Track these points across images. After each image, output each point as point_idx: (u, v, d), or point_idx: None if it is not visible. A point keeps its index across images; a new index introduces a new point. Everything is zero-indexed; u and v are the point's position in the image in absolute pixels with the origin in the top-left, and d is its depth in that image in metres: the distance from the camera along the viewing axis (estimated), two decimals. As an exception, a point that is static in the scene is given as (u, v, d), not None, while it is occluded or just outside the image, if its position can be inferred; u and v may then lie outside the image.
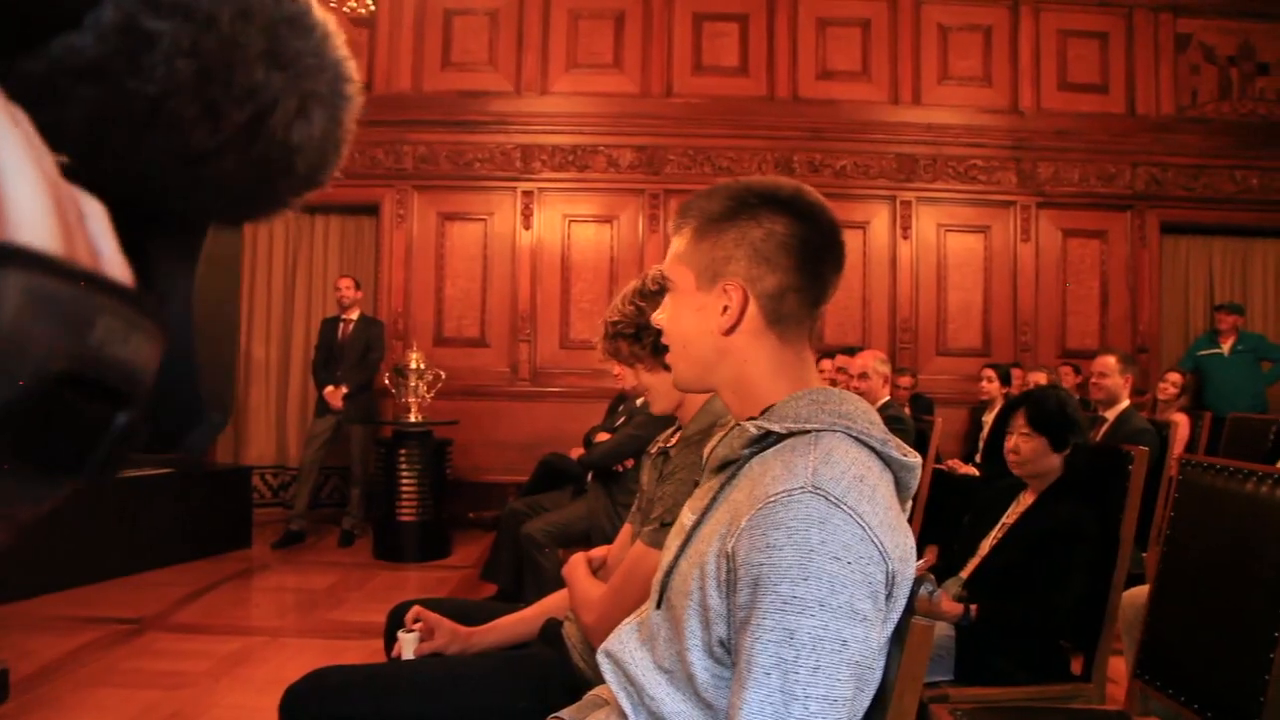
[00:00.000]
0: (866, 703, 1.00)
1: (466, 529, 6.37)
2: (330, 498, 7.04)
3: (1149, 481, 2.84)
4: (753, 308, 1.08)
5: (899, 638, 1.00)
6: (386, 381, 5.99)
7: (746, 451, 1.07)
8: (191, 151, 0.38)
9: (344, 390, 5.94)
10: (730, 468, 1.09)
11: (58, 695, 3.27)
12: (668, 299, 1.18)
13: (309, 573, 5.30)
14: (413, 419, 5.76)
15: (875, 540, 0.92)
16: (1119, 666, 2.59)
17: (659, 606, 1.10)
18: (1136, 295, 7.17)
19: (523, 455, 6.07)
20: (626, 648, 1.14)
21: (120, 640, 3.93)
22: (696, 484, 1.20)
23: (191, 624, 4.24)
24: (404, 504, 5.53)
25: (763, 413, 1.09)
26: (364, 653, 3.52)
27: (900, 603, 0.98)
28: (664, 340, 1.20)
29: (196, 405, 0.48)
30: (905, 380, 6.52)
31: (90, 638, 3.93)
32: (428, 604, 1.95)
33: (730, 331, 1.09)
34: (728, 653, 0.97)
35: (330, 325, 6.20)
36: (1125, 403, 4.15)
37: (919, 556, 3.28)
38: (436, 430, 5.82)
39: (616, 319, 1.81)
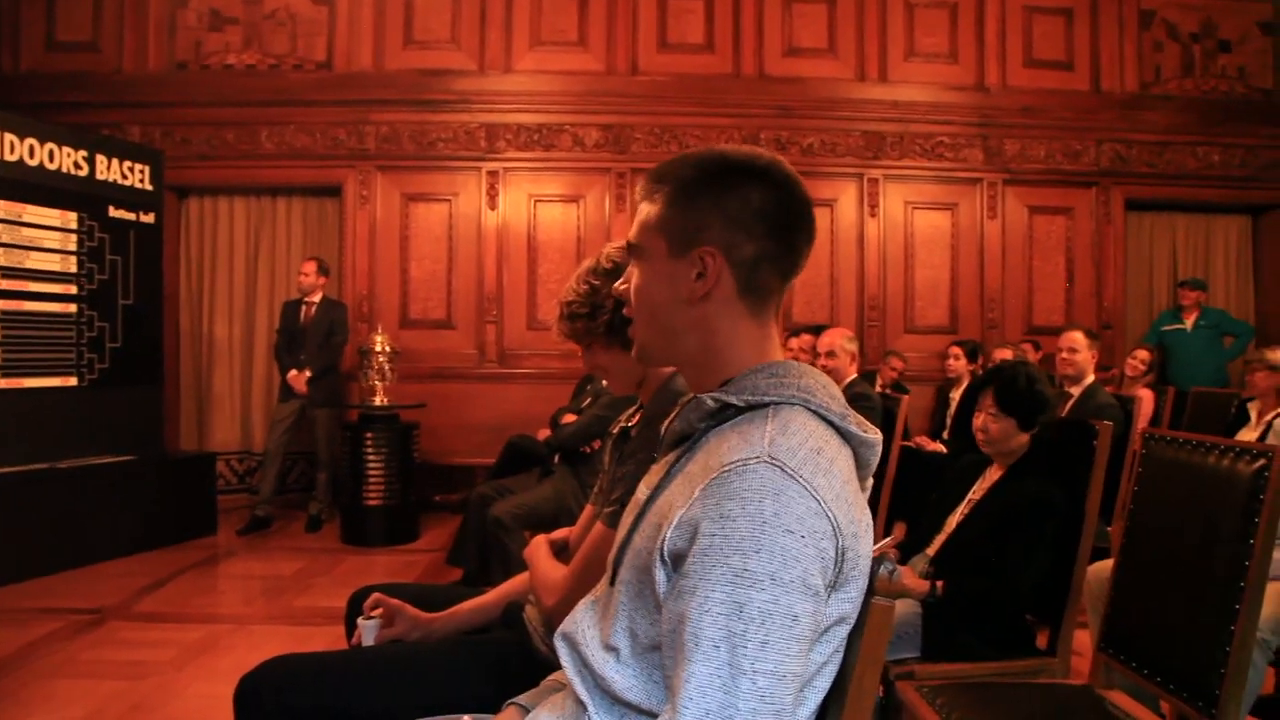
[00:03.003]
0: (825, 685, 0.98)
1: (435, 512, 6.33)
2: (297, 483, 6.97)
3: (1114, 455, 2.86)
4: (727, 276, 1.05)
5: (859, 618, 0.97)
6: (360, 364, 5.90)
7: (703, 425, 1.05)
8: None
9: (307, 374, 5.86)
10: (686, 442, 1.07)
11: (16, 688, 3.20)
12: (632, 267, 1.14)
13: (275, 559, 5.24)
14: (378, 402, 5.70)
15: (829, 514, 0.90)
16: (1085, 640, 2.61)
17: (612, 584, 1.08)
18: (1101, 271, 7.23)
19: (491, 437, 6.02)
20: (580, 627, 1.12)
21: (81, 631, 3.87)
22: (652, 462, 1.17)
23: (154, 613, 4.17)
24: (371, 488, 5.49)
25: (721, 386, 1.06)
26: (330, 638, 3.47)
27: (855, 581, 0.95)
28: (627, 311, 1.16)
29: None
30: (897, 363, 6.56)
31: (50, 629, 3.86)
32: (390, 589, 1.91)
33: (702, 300, 1.06)
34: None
35: (292, 308, 6.11)
36: (1091, 378, 4.17)
37: (887, 533, 3.28)
38: (403, 413, 5.77)
39: (571, 299, 1.77)
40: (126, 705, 3.04)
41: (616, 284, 1.20)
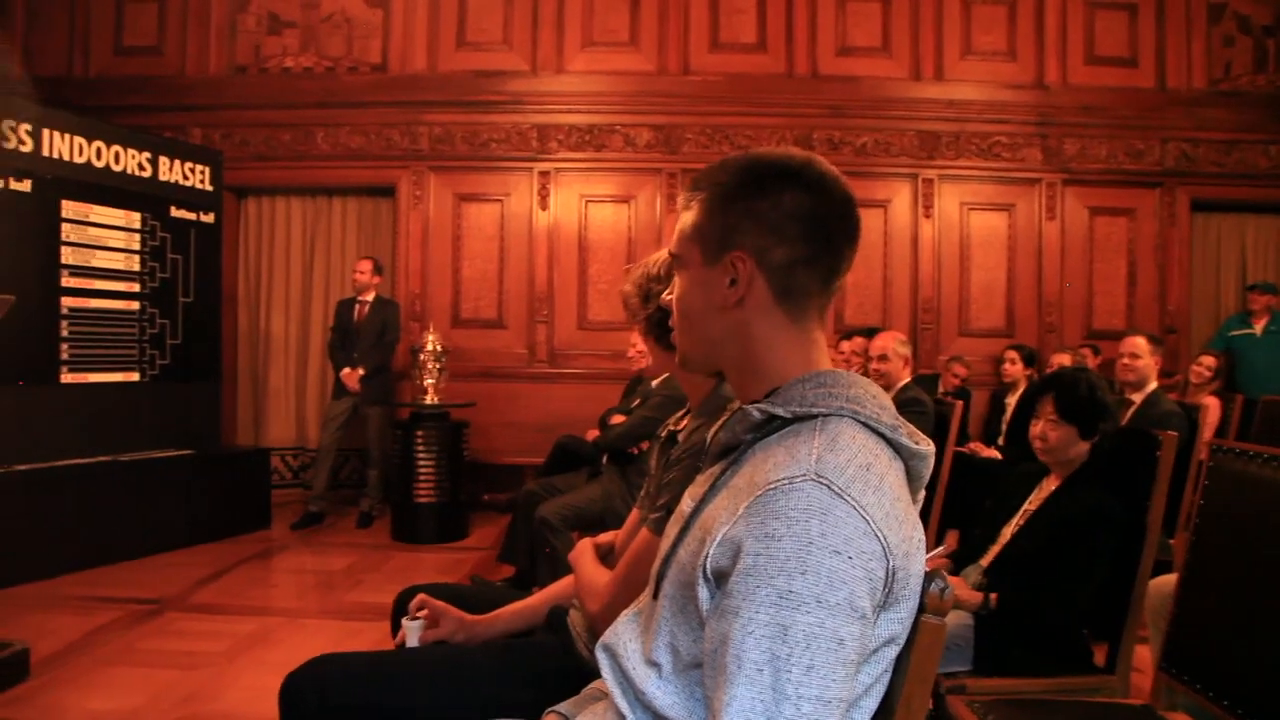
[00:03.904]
0: (873, 706, 0.95)
1: (484, 511, 6.37)
2: (349, 479, 7.07)
3: (1177, 466, 2.76)
4: (760, 281, 1.03)
5: (909, 638, 0.94)
6: (412, 363, 5.96)
7: (749, 437, 1.02)
8: None
9: (360, 372, 5.93)
10: (732, 453, 1.04)
11: (77, 674, 3.30)
12: (676, 277, 1.14)
13: (327, 554, 5.32)
14: (429, 401, 5.75)
15: (878, 534, 0.87)
16: (1146, 656, 2.52)
17: (655, 597, 1.06)
18: (1165, 274, 7.02)
19: (540, 437, 6.04)
20: (621, 640, 1.10)
21: (140, 620, 3.96)
22: (698, 470, 1.15)
23: (210, 604, 4.26)
24: (421, 486, 5.54)
25: (767, 396, 1.03)
26: (379, 634, 3.51)
27: (905, 601, 0.92)
28: (671, 321, 1.15)
29: None
30: (960, 369, 6.44)
31: (110, 617, 3.97)
32: (435, 590, 1.92)
33: (736, 306, 1.04)
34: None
35: (346, 306, 6.20)
36: (1153, 385, 4.05)
37: (938, 543, 3.22)
38: (454, 412, 5.81)
39: (633, 279, 1.88)
40: (181, 695, 3.11)
41: (664, 294, 1.19)
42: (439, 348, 5.81)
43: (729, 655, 0.85)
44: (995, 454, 5.43)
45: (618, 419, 4.53)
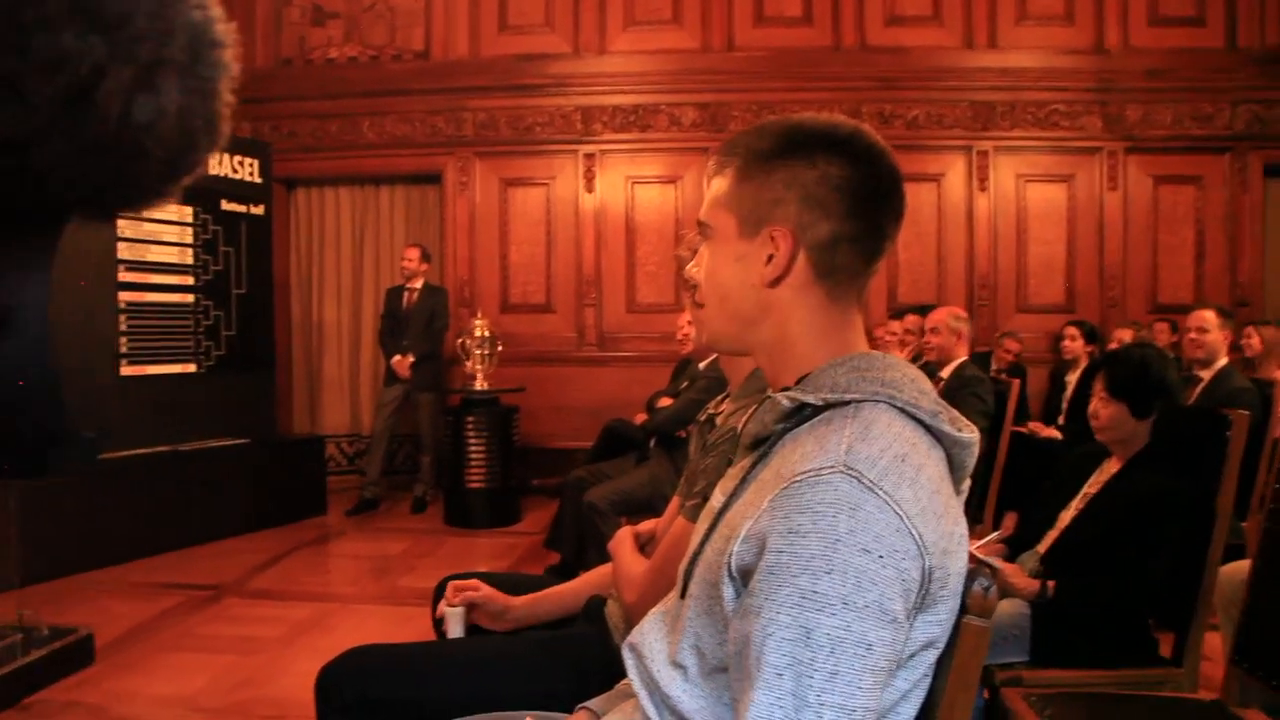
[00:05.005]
0: (912, 713, 0.89)
1: (536, 495, 6.39)
2: (403, 465, 7.14)
3: (1250, 445, 2.63)
4: (801, 258, 0.96)
5: (950, 640, 0.88)
6: (460, 348, 5.98)
7: (779, 427, 0.95)
8: (2, 137, 0.31)
9: (410, 359, 5.98)
10: (763, 445, 0.98)
11: (139, 659, 3.39)
12: (703, 249, 1.07)
13: (381, 539, 5.39)
14: (479, 386, 5.77)
15: (913, 531, 0.81)
16: (1216, 643, 2.41)
17: (682, 597, 1.01)
18: (1236, 244, 6.73)
19: (590, 421, 6.03)
20: (647, 640, 1.05)
21: (200, 606, 4.06)
22: (731, 462, 1.10)
23: (266, 590, 4.35)
24: (472, 471, 5.57)
25: (798, 382, 0.97)
26: (430, 620, 3.53)
27: (945, 601, 0.86)
28: (698, 297, 1.09)
29: (58, 423, 0.41)
30: (1012, 345, 6.29)
31: (171, 603, 4.07)
32: (480, 579, 1.91)
33: (775, 284, 0.97)
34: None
35: (395, 294, 6.25)
36: (1223, 360, 3.88)
37: (996, 526, 3.11)
38: (503, 397, 5.83)
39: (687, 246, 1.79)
40: (238, 679, 3.17)
41: (689, 268, 1.12)
42: (487, 333, 5.83)
43: (750, 657, 0.80)
44: (1055, 434, 5.29)
45: (665, 402, 4.50)
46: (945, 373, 4.06)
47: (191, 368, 5.59)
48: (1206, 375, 3.86)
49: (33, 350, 0.37)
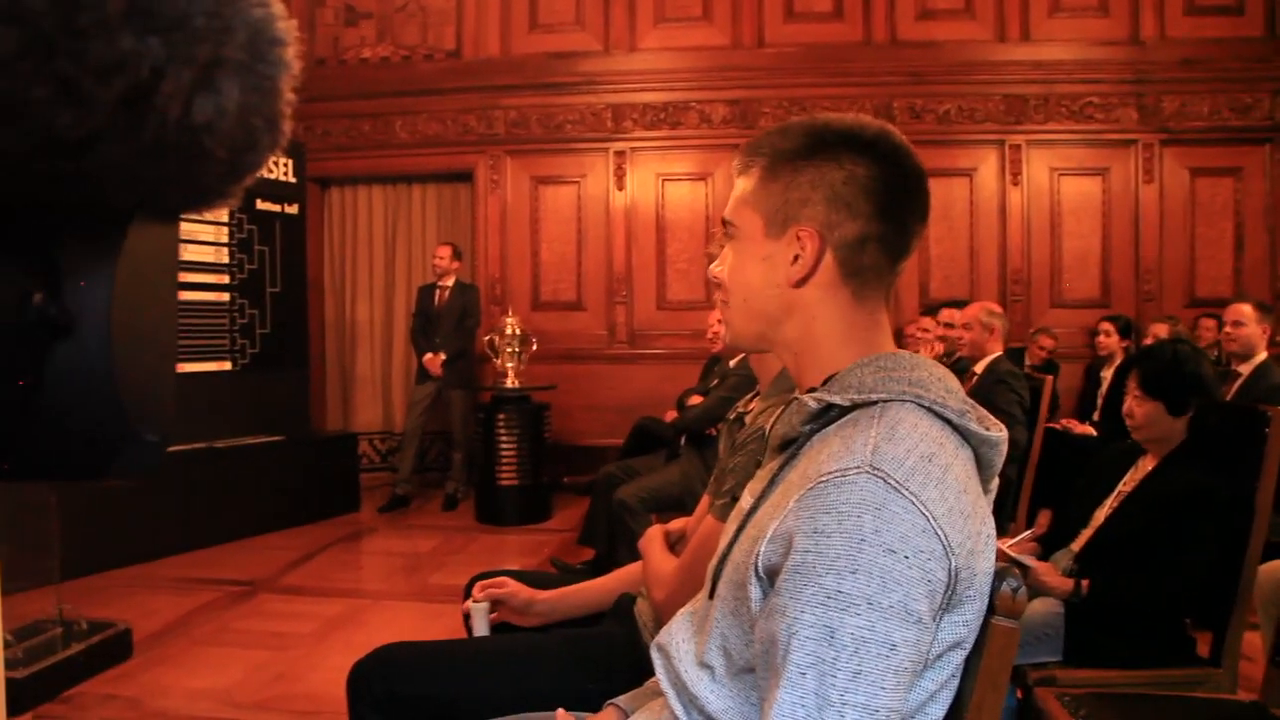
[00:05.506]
0: (939, 715, 0.90)
1: (567, 493, 6.42)
2: (435, 462, 7.20)
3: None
4: (828, 258, 0.97)
5: (977, 641, 0.88)
6: (487, 346, 6.02)
7: (807, 428, 0.96)
8: (61, 140, 0.31)
9: (442, 357, 6.02)
10: (791, 447, 0.98)
11: (178, 652, 3.45)
12: (727, 248, 1.07)
13: (413, 536, 5.44)
14: (510, 384, 5.80)
15: (939, 531, 0.81)
16: (1256, 642, 2.38)
17: (710, 597, 1.01)
18: (1276, 236, 6.60)
19: (620, 418, 6.05)
20: (675, 640, 1.06)
21: (235, 601, 4.12)
22: (759, 462, 1.11)
23: (299, 586, 4.40)
24: (504, 468, 5.60)
25: (824, 382, 0.98)
26: (460, 617, 3.57)
27: (971, 602, 0.86)
28: (721, 296, 1.09)
29: (120, 425, 0.42)
30: (1046, 341, 6.23)
31: (207, 599, 4.13)
32: (505, 575, 1.92)
33: (800, 284, 0.98)
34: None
35: (426, 292, 6.30)
36: (1263, 355, 3.81)
37: (1029, 525, 3.08)
38: (534, 395, 5.86)
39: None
40: (271, 674, 3.22)
41: (711, 267, 1.13)
42: (519, 331, 5.86)
43: (775, 657, 0.81)
44: (1090, 430, 5.22)
45: (695, 400, 4.50)
46: (979, 368, 4.03)
47: (227, 366, 5.67)
48: (1245, 370, 3.80)
49: (95, 349, 0.37)
